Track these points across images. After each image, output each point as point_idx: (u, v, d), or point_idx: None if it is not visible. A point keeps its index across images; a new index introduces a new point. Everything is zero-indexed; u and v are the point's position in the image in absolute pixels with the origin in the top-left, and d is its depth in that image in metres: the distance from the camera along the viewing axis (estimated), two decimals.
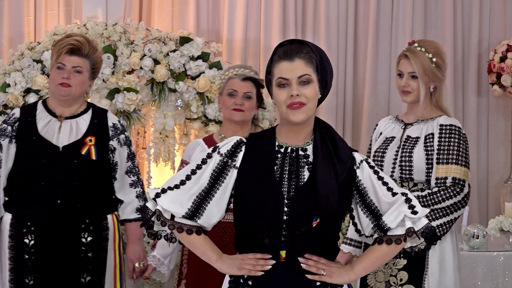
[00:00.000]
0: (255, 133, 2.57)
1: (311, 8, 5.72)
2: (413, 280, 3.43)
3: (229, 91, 3.54)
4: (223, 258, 2.48)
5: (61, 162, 3.46)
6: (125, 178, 3.61)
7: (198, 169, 2.48)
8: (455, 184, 3.41)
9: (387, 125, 3.68)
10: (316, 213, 2.38)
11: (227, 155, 2.47)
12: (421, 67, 3.48)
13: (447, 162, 3.43)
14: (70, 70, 3.49)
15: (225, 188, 2.47)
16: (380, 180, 2.50)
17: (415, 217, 2.47)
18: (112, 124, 3.60)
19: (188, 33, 5.02)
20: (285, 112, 2.43)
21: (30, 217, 3.46)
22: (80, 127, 3.54)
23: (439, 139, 3.47)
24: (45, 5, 5.52)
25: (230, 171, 2.47)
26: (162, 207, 2.45)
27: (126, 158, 3.60)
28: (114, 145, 3.57)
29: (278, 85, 2.44)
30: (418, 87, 3.50)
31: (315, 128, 2.50)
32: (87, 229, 3.49)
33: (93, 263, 3.50)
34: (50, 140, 3.48)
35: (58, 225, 3.44)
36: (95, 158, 3.49)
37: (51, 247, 3.44)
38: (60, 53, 3.48)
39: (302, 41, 2.49)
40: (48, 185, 3.44)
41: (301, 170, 2.44)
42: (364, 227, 2.51)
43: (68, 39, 3.52)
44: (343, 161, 2.46)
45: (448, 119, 3.52)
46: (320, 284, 2.45)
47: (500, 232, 4.64)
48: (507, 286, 4.31)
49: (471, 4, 5.82)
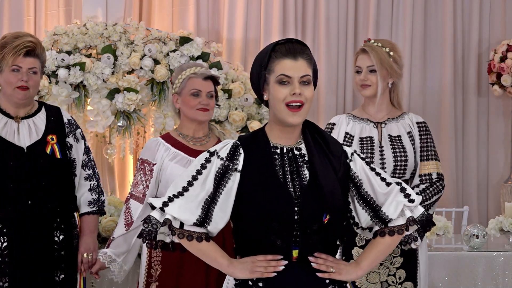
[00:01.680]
0: (244, 135, 2.54)
1: (311, 8, 5.72)
2: (410, 277, 3.47)
3: (192, 91, 3.50)
4: (233, 263, 2.45)
5: (28, 162, 3.42)
6: (81, 173, 3.59)
7: (199, 174, 2.44)
8: (440, 179, 3.56)
9: (350, 125, 3.67)
10: (325, 210, 2.39)
11: (227, 158, 2.44)
12: (379, 60, 3.55)
13: (429, 158, 3.56)
14: (26, 72, 3.43)
15: (228, 193, 2.43)
16: (373, 171, 2.50)
17: (412, 205, 2.48)
18: (67, 120, 3.57)
19: (188, 33, 5.02)
20: (282, 111, 2.42)
21: (1, 219, 3.42)
22: (39, 126, 3.50)
23: (420, 137, 3.59)
24: (45, 5, 5.52)
25: (232, 175, 2.43)
26: (172, 216, 2.41)
27: (82, 152, 3.60)
28: (71, 142, 3.55)
29: (278, 82, 2.42)
30: (377, 81, 3.54)
31: (304, 128, 2.50)
32: (59, 228, 3.47)
33: (66, 261, 3.49)
34: (12, 141, 3.45)
35: (30, 226, 3.41)
36: (60, 157, 3.48)
37: (25, 248, 3.41)
38: (18, 55, 3.40)
39: (301, 41, 2.48)
40: (17, 186, 3.40)
41: (301, 169, 2.44)
42: (362, 220, 2.52)
43: (21, 40, 3.43)
44: (337, 156, 2.46)
45: (418, 117, 3.65)
46: (329, 282, 2.45)
47: (500, 232, 4.64)
48: (507, 286, 4.31)
49: (471, 4, 5.82)
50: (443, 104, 5.85)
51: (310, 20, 5.73)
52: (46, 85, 4.75)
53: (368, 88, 3.58)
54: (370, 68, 3.56)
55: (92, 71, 4.74)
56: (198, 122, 3.52)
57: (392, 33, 5.78)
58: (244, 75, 4.97)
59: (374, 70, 3.56)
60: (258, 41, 5.66)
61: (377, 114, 3.63)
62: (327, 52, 5.67)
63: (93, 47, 4.87)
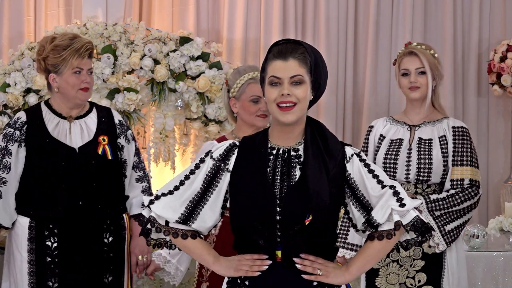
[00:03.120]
0: (248, 136, 2.57)
1: (311, 8, 5.72)
2: (431, 281, 3.44)
3: (252, 97, 3.45)
4: (220, 260, 2.49)
5: (79, 163, 3.44)
6: (132, 174, 3.60)
7: (191, 174, 2.49)
8: (472, 186, 3.49)
9: (387, 127, 3.67)
10: (308, 211, 2.38)
11: (219, 159, 2.48)
12: (427, 62, 3.53)
13: (462, 164, 3.50)
14: (87, 73, 3.48)
15: (218, 192, 2.48)
16: (371, 173, 2.48)
17: (403, 210, 2.42)
18: (118, 121, 3.59)
19: (188, 33, 5.02)
20: (274, 111, 2.43)
21: (52, 219, 3.44)
22: (90, 127, 3.52)
23: (453, 141, 3.54)
24: (45, 5, 5.52)
25: (223, 175, 2.48)
26: (156, 214, 2.46)
27: (133, 153, 3.60)
28: (122, 143, 3.57)
29: (270, 83, 2.44)
30: (427, 83, 3.53)
31: (306, 128, 2.50)
32: (108, 230, 3.49)
33: (115, 263, 3.50)
34: (64, 141, 3.46)
35: (80, 227, 3.43)
36: (111, 157, 3.49)
37: (74, 249, 3.43)
38: (81, 57, 3.44)
39: (298, 41, 2.49)
40: (68, 187, 3.42)
41: (293, 170, 2.44)
42: (358, 222, 2.51)
43: (80, 42, 3.46)
44: (334, 157, 2.46)
45: (457, 121, 3.60)
46: (317, 284, 2.45)
47: (500, 232, 4.64)
48: (507, 286, 4.32)
49: (471, 4, 5.82)
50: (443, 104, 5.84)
51: (310, 20, 5.73)
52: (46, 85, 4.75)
53: (417, 90, 3.57)
54: (420, 70, 3.55)
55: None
56: (257, 128, 3.50)
57: (392, 33, 5.78)
58: None
59: (423, 72, 3.55)
60: (258, 41, 5.66)
61: (415, 117, 3.62)
62: (327, 52, 5.66)
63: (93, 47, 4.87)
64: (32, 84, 4.74)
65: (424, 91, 3.56)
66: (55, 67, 3.46)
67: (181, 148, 5.07)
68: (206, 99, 4.87)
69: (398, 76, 3.63)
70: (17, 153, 3.47)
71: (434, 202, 3.46)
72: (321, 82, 2.51)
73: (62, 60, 3.45)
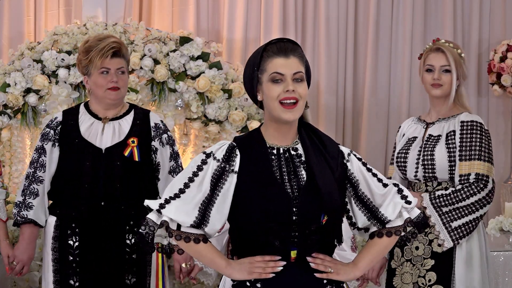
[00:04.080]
0: (241, 136, 2.54)
1: (311, 8, 5.72)
2: (441, 280, 3.40)
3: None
4: (231, 264, 2.45)
5: (104, 164, 3.46)
6: (169, 178, 3.58)
7: (195, 176, 2.43)
8: (479, 180, 3.40)
9: (409, 126, 3.67)
10: (323, 211, 2.38)
11: (224, 160, 2.44)
12: (453, 60, 3.50)
13: (470, 158, 3.43)
14: (115, 73, 3.49)
15: (225, 194, 2.43)
16: (370, 171, 2.50)
17: (409, 207, 2.49)
18: (154, 124, 3.59)
19: (188, 33, 5.02)
20: (276, 109, 2.42)
21: (74, 218, 3.47)
22: (123, 129, 3.53)
23: (460, 135, 3.47)
24: (45, 5, 5.51)
25: (229, 176, 2.43)
26: (169, 218, 2.41)
27: (169, 157, 3.60)
28: (156, 146, 3.56)
29: (271, 80, 2.42)
30: (450, 81, 3.51)
31: (299, 127, 2.50)
32: (131, 231, 3.49)
33: (137, 264, 3.50)
34: (93, 142, 3.49)
35: (102, 227, 3.45)
36: (138, 160, 3.48)
37: (95, 249, 3.45)
38: (105, 57, 3.46)
39: (292, 40, 2.49)
40: (92, 187, 3.45)
41: (298, 169, 2.44)
42: (358, 220, 2.52)
43: (105, 42, 3.48)
44: (334, 157, 2.46)
45: (470, 116, 3.52)
46: (327, 282, 2.45)
47: (500, 232, 4.64)
48: (507, 286, 4.32)
49: (471, 4, 5.82)
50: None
51: (310, 20, 5.73)
52: (46, 85, 4.75)
53: (439, 87, 3.53)
54: (445, 68, 3.52)
55: None
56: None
57: (392, 33, 5.78)
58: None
59: (448, 70, 3.51)
60: (258, 41, 5.66)
61: (434, 115, 3.60)
62: (327, 51, 5.67)
63: None
64: (32, 84, 4.74)
65: (446, 90, 3.52)
66: (86, 69, 3.52)
67: (181, 148, 5.07)
68: (206, 99, 4.87)
69: (422, 71, 3.59)
70: (51, 152, 3.54)
71: (438, 198, 3.41)
72: (310, 83, 2.51)
73: (89, 62, 3.49)
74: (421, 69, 3.60)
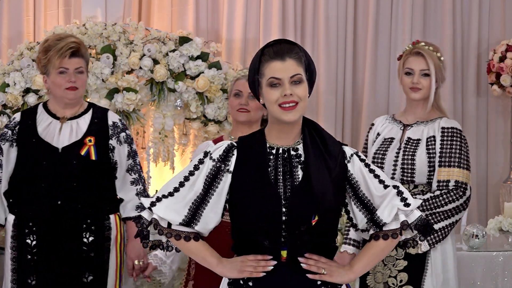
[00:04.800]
0: (244, 136, 2.56)
1: (310, 8, 5.72)
2: (412, 281, 3.43)
3: (235, 91, 3.53)
4: (223, 262, 2.48)
5: (61, 163, 3.47)
6: (126, 176, 3.60)
7: (191, 175, 2.47)
8: (458, 188, 3.43)
9: (384, 125, 3.67)
10: (314, 212, 2.38)
11: (219, 160, 2.47)
12: (433, 64, 3.50)
13: (449, 165, 3.45)
14: (74, 73, 3.48)
15: (219, 193, 2.46)
16: (372, 173, 2.49)
17: (408, 210, 2.46)
18: (112, 122, 3.59)
19: (188, 33, 5.02)
20: (276, 111, 2.43)
21: (32, 218, 3.48)
22: (81, 128, 3.54)
23: (441, 142, 3.49)
24: (45, 5, 5.51)
25: (224, 176, 2.46)
26: (158, 216, 2.44)
27: (126, 156, 3.60)
28: (114, 144, 3.56)
29: (269, 85, 2.43)
30: (429, 85, 3.52)
31: (303, 127, 2.50)
32: (89, 229, 3.50)
33: (95, 262, 3.50)
34: (50, 142, 3.49)
35: (59, 226, 3.46)
36: (95, 158, 3.49)
37: (53, 248, 3.46)
38: (63, 57, 3.45)
39: (289, 41, 2.49)
40: (49, 186, 3.46)
41: (295, 170, 2.44)
42: (359, 221, 2.51)
43: (64, 42, 3.48)
44: (334, 157, 2.46)
45: (449, 122, 3.54)
46: (321, 283, 2.45)
47: (499, 232, 4.64)
48: (506, 286, 4.31)
49: (471, 4, 5.82)
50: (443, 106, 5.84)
51: (310, 19, 5.73)
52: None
53: (419, 91, 3.54)
54: (424, 72, 3.53)
55: (92, 71, 4.74)
56: (243, 124, 3.50)
57: (391, 33, 5.78)
58: None
59: (427, 74, 3.52)
60: (257, 41, 5.66)
61: (411, 117, 3.60)
62: (326, 51, 5.67)
63: (93, 47, 4.87)
64: (32, 84, 4.73)
65: (425, 93, 3.54)
66: (44, 69, 3.51)
67: (181, 148, 5.07)
68: (205, 99, 4.87)
69: (401, 73, 3.60)
70: (8, 152, 3.54)
71: None
72: (314, 80, 2.50)
73: (48, 61, 3.48)
74: (400, 71, 3.61)
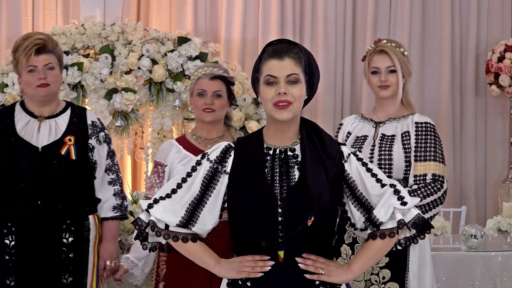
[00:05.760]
0: (242, 137, 2.57)
1: (309, 8, 5.72)
2: (396, 278, 3.44)
3: (198, 91, 3.49)
4: (221, 262, 2.48)
5: (41, 162, 3.42)
6: (105, 176, 3.58)
7: (188, 176, 2.48)
8: (435, 181, 3.46)
9: (354, 124, 3.69)
10: (310, 212, 2.38)
11: (216, 161, 2.48)
12: (398, 60, 3.53)
13: (426, 159, 3.48)
14: (43, 69, 3.44)
15: (217, 195, 2.47)
16: (369, 172, 2.49)
17: (404, 208, 2.45)
18: (91, 122, 3.56)
19: (186, 33, 5.02)
20: (271, 110, 2.43)
21: (11, 218, 3.43)
22: (60, 127, 3.50)
23: (416, 136, 3.52)
24: (43, 5, 5.52)
25: (221, 177, 2.47)
26: (155, 218, 2.45)
27: (105, 156, 3.58)
28: (93, 144, 3.53)
29: (266, 83, 2.44)
30: (397, 81, 3.55)
31: (301, 127, 2.51)
32: (68, 230, 3.46)
33: (75, 264, 3.46)
34: (29, 141, 3.45)
35: (39, 226, 3.41)
36: (75, 158, 3.46)
37: (32, 248, 3.41)
38: (29, 56, 3.41)
39: (291, 41, 2.49)
40: (28, 186, 3.41)
41: (291, 170, 2.45)
42: (357, 221, 2.51)
43: (30, 40, 3.44)
44: (331, 157, 2.46)
45: (422, 117, 3.58)
46: (319, 283, 2.45)
47: (498, 232, 4.64)
48: (505, 286, 4.31)
49: (469, 4, 5.83)
50: (441, 104, 5.85)
51: (308, 20, 5.73)
52: None
53: (388, 89, 3.56)
54: (390, 68, 3.55)
55: (90, 71, 4.74)
56: (207, 123, 3.50)
57: (390, 33, 5.78)
58: (242, 75, 4.97)
59: (393, 71, 3.54)
60: (256, 41, 5.67)
61: (382, 114, 3.62)
62: (325, 52, 5.67)
63: (91, 47, 4.87)
64: None
65: (394, 90, 3.56)
66: (16, 70, 3.48)
67: None
68: None
69: (368, 73, 3.63)
70: None
71: None
72: (315, 82, 2.50)
73: (17, 62, 3.46)
74: (366, 72, 3.64)
